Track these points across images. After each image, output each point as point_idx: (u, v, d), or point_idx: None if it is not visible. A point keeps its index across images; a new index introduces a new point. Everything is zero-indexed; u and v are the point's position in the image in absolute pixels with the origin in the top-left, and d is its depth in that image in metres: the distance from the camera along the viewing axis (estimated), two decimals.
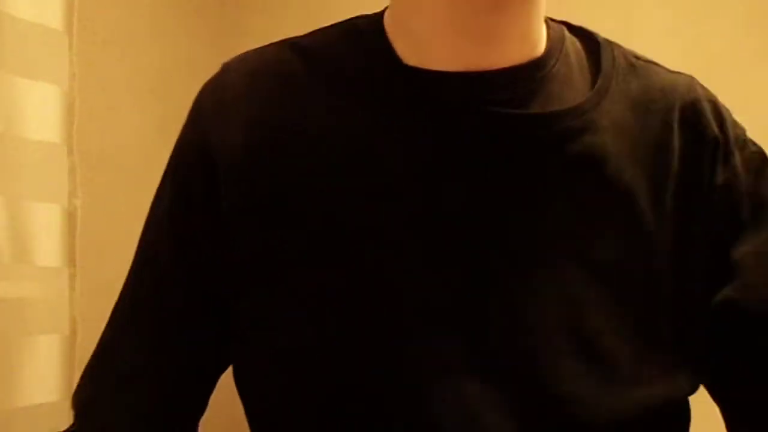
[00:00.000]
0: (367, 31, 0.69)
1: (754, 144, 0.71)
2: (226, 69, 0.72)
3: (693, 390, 0.67)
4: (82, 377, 0.71)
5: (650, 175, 0.66)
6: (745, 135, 0.71)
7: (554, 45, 0.69)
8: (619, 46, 0.72)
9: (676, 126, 0.68)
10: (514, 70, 0.66)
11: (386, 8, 0.70)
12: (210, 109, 0.69)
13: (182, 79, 1.90)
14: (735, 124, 0.71)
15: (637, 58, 0.72)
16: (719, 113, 0.70)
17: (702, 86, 0.72)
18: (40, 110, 1.40)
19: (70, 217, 1.43)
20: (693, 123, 0.69)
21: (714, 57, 1.78)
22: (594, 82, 0.69)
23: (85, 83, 1.52)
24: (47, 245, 1.40)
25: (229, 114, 0.68)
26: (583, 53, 0.71)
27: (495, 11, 0.65)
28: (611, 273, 0.64)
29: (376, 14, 0.71)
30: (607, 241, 0.65)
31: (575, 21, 0.72)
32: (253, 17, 2.16)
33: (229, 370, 0.70)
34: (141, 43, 1.87)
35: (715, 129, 0.69)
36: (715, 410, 0.69)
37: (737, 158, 0.69)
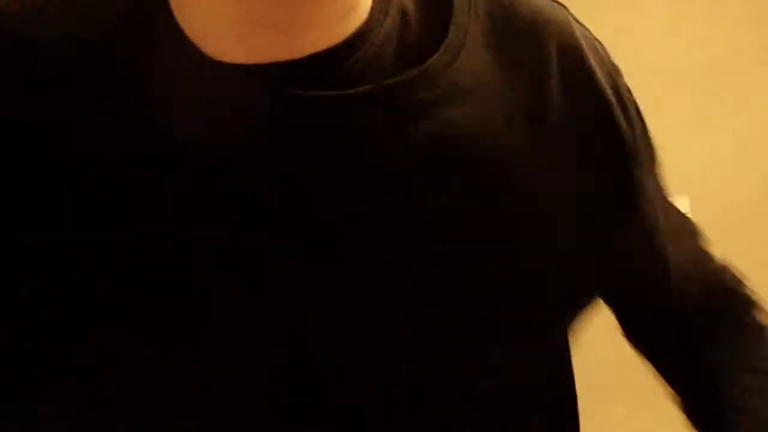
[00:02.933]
0: (148, 12, 0.49)
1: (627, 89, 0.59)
2: None
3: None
4: None
5: (531, 149, 0.52)
6: (622, 82, 0.58)
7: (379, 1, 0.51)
8: None
9: (554, 82, 0.53)
10: (326, 56, 0.48)
11: None
12: None
13: None
14: (616, 70, 0.58)
15: None
16: (601, 59, 0.57)
17: (576, 21, 0.57)
18: None
19: None
20: (576, 80, 0.54)
21: (714, 57, 1.78)
22: (444, 30, 0.51)
23: None
24: None
25: None
26: None
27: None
28: (485, 294, 0.50)
29: None
30: (476, 249, 0.50)
31: None
32: None
33: None
34: None
35: (606, 87, 0.55)
36: None
37: (633, 117, 0.57)
